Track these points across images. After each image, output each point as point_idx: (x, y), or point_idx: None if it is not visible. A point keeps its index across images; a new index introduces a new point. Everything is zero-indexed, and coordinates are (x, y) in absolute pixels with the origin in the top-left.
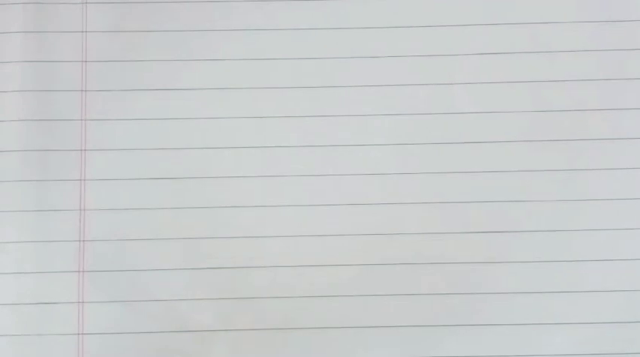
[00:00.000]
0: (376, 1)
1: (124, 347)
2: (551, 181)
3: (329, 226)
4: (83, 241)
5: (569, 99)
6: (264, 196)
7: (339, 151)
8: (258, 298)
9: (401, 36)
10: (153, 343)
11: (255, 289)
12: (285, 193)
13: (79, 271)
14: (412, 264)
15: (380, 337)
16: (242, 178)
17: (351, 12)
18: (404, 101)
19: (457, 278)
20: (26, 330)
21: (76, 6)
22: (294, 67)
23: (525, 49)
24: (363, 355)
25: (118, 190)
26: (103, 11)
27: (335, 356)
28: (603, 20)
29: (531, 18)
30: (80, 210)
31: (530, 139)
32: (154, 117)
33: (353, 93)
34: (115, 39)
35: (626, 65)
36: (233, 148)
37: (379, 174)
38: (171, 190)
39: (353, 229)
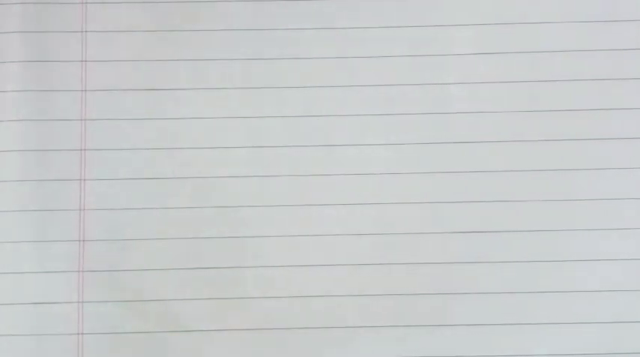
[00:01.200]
0: (372, 2)
1: (124, 347)
2: (541, 182)
3: (325, 226)
4: (83, 241)
5: (560, 99)
6: (263, 195)
7: (333, 151)
8: (257, 298)
9: (394, 36)
10: (153, 343)
11: (253, 289)
12: (284, 193)
13: (79, 271)
14: (405, 264)
15: (374, 337)
16: (241, 178)
17: (346, 12)
18: (396, 101)
19: (449, 278)
20: (26, 330)
21: (76, 6)
22: (291, 67)
23: (518, 50)
24: (358, 355)
25: (118, 190)
26: (103, 11)
27: (331, 356)
28: (594, 21)
29: (524, 18)
30: (80, 210)
31: (522, 139)
32: (153, 117)
33: (347, 93)
34: (115, 39)
35: (618, 66)
36: (232, 148)
37: (370, 174)
38: (170, 190)
39: (347, 229)
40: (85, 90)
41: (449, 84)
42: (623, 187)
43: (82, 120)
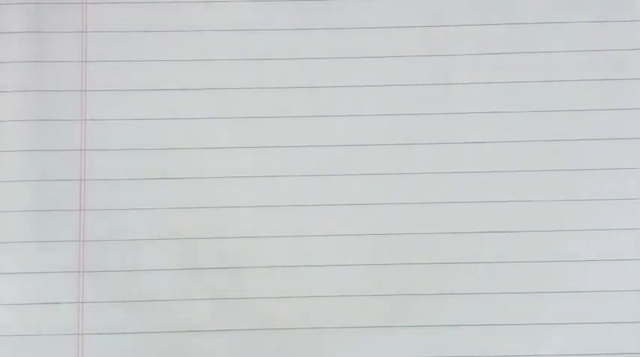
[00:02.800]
0: (375, 1)
1: (124, 347)
2: (545, 182)
3: (327, 226)
4: (83, 241)
5: (563, 100)
6: (263, 196)
7: (336, 151)
8: (256, 298)
9: (398, 36)
10: (153, 343)
11: (254, 289)
12: (284, 193)
13: (79, 271)
14: (406, 264)
15: (374, 337)
16: (241, 178)
17: (350, 12)
18: (400, 101)
19: (450, 278)
20: (26, 330)
21: (76, 6)
22: (292, 67)
23: (522, 50)
24: (358, 355)
25: (118, 190)
26: (103, 11)
27: (331, 356)
28: (599, 20)
29: (528, 18)
30: (80, 210)
31: (526, 139)
32: (153, 117)
33: (350, 93)
34: (115, 39)
35: (623, 66)
36: (232, 148)
37: (375, 174)
38: (171, 190)
39: (350, 229)
40: (85, 90)
41: (453, 84)
42: (627, 187)
43: (82, 120)
